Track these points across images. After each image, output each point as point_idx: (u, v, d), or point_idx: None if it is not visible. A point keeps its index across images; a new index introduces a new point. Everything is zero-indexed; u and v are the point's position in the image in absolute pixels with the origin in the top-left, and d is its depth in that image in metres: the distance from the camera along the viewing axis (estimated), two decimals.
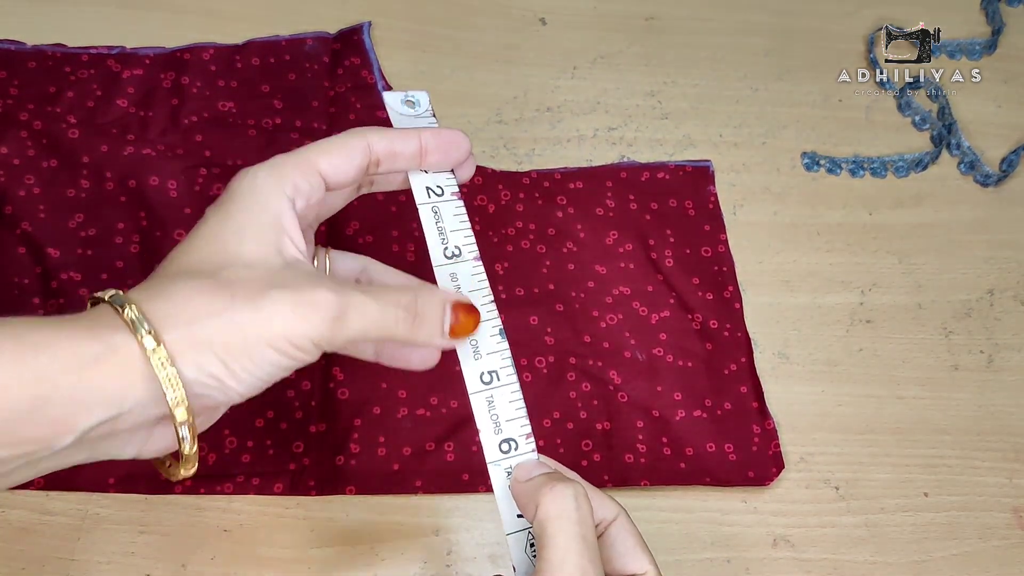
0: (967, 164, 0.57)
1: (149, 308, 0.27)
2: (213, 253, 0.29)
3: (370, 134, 0.32)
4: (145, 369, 0.26)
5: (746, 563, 0.44)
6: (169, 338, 0.27)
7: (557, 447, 0.45)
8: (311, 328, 0.28)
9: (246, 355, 0.27)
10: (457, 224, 0.34)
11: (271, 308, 0.27)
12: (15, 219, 0.46)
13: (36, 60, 0.50)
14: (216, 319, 0.27)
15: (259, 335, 0.27)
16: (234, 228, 0.29)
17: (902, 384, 0.49)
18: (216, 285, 0.28)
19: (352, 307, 0.29)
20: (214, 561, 0.41)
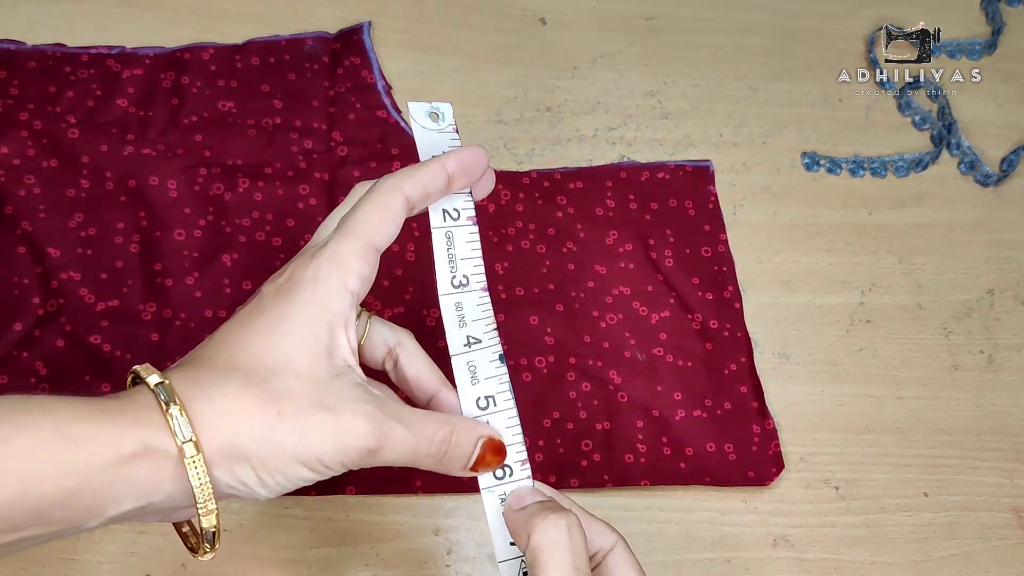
0: (967, 164, 0.57)
1: (193, 409, 0.27)
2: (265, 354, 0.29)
3: (405, 185, 0.31)
4: (180, 471, 0.27)
5: (746, 563, 0.44)
6: (208, 447, 0.27)
7: (557, 447, 0.45)
8: (345, 456, 0.28)
9: (280, 472, 0.28)
10: (468, 252, 0.33)
11: (312, 435, 0.28)
12: (15, 219, 0.46)
13: (36, 60, 0.50)
14: (258, 435, 0.28)
15: (296, 454, 0.28)
16: (288, 329, 0.29)
17: (902, 384, 0.49)
18: (265, 398, 0.28)
19: (388, 440, 0.29)
20: (214, 561, 0.41)
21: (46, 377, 0.43)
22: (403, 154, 0.51)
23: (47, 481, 0.25)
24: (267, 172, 0.49)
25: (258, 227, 0.48)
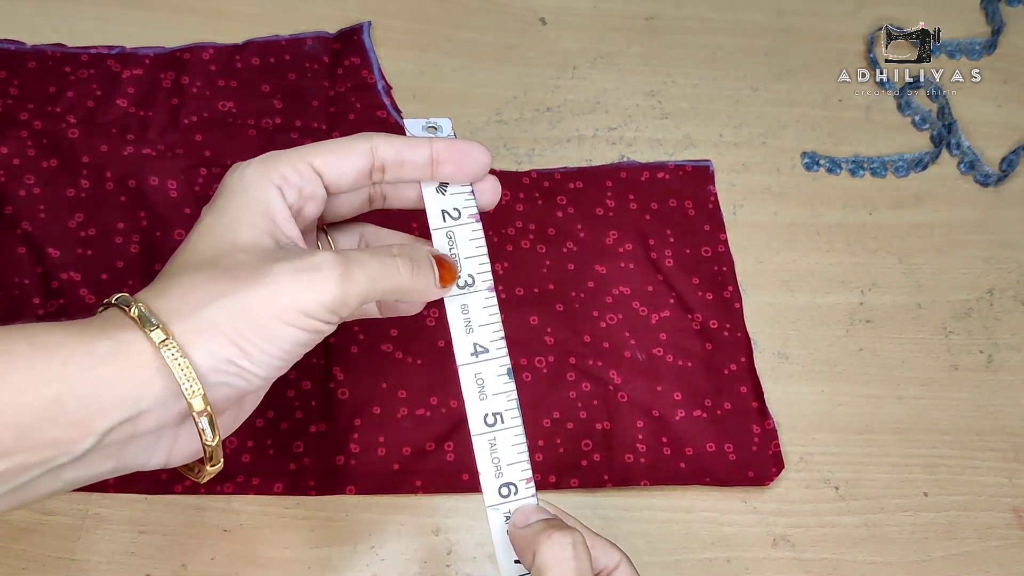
0: (967, 164, 0.57)
1: (155, 304, 0.27)
2: (209, 246, 0.29)
3: (376, 138, 0.32)
4: (158, 363, 0.26)
5: (746, 563, 0.44)
6: (177, 329, 0.27)
7: (557, 447, 0.45)
8: (320, 293, 0.28)
9: (258, 334, 0.27)
10: (472, 250, 0.33)
11: (275, 281, 0.28)
12: (15, 219, 0.46)
13: (36, 60, 0.50)
14: (221, 302, 0.27)
15: (268, 310, 0.27)
16: (227, 220, 0.30)
17: (902, 384, 0.49)
18: (216, 271, 0.28)
19: (352, 261, 0.29)
20: (214, 561, 0.41)
21: None
22: None
23: (25, 390, 0.25)
24: None
25: None
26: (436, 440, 0.44)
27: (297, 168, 0.31)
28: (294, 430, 0.44)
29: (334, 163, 0.31)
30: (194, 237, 0.30)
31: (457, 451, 0.44)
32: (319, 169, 0.31)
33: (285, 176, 0.31)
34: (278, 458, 0.43)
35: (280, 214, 0.30)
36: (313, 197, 0.32)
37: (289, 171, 0.31)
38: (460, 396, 0.45)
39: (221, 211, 0.30)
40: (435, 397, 0.45)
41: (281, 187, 0.30)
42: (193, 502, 0.42)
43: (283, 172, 0.31)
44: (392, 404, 0.45)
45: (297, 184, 0.31)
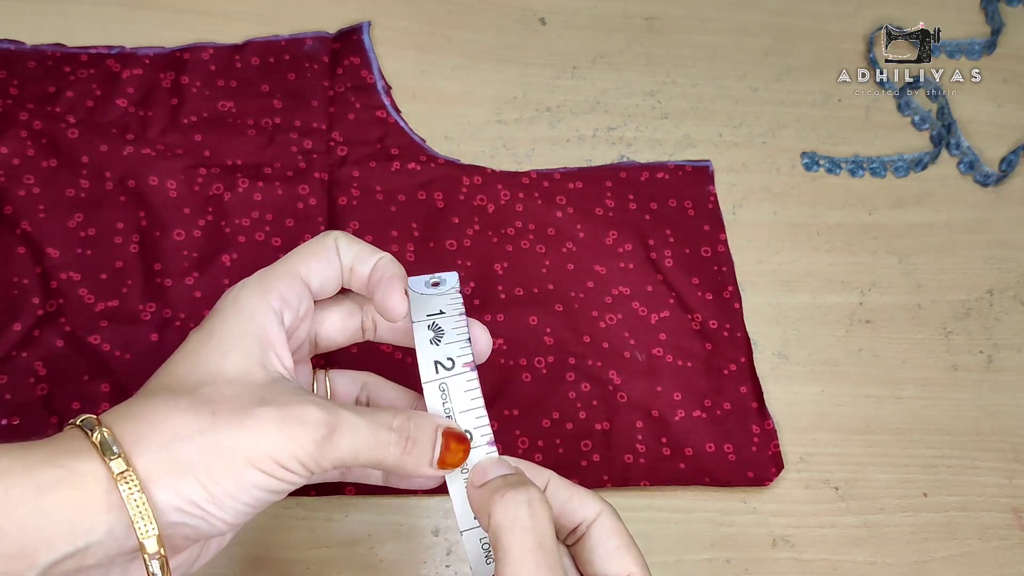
0: (967, 164, 0.57)
1: (122, 430, 0.25)
2: (193, 370, 0.27)
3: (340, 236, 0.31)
4: (113, 497, 0.24)
5: (746, 563, 0.44)
6: (143, 462, 0.25)
7: (557, 447, 0.45)
8: (298, 447, 0.26)
9: (230, 478, 0.25)
10: (468, 402, 0.30)
11: (256, 426, 0.26)
12: (15, 219, 0.46)
13: (36, 60, 0.50)
14: (197, 439, 0.25)
15: (244, 455, 0.26)
16: (216, 343, 0.28)
17: (902, 384, 0.49)
18: (196, 403, 0.26)
19: (342, 426, 0.27)
20: (214, 561, 0.41)
21: (45, 377, 0.43)
22: (403, 154, 0.51)
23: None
24: (267, 172, 0.49)
25: (258, 227, 0.48)
26: None
27: (293, 287, 0.29)
28: None
29: (316, 267, 0.30)
30: (177, 357, 0.28)
31: None
32: (307, 279, 0.30)
33: (284, 297, 0.29)
34: None
35: (277, 341, 0.29)
36: (307, 314, 0.30)
37: (287, 291, 0.29)
38: None
39: (210, 333, 0.28)
40: None
41: (280, 311, 0.29)
42: None
43: (282, 293, 0.29)
44: None
45: (294, 303, 0.29)
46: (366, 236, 0.48)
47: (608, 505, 0.29)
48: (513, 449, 0.44)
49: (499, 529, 0.26)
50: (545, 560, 0.25)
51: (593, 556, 0.28)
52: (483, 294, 0.48)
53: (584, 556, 0.29)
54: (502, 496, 0.27)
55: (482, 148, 0.53)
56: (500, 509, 0.26)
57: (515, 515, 0.26)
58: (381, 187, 0.50)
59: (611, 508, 0.29)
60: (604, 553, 0.28)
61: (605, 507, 0.29)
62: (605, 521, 0.29)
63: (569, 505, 0.29)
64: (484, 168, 0.52)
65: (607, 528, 0.29)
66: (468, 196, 0.51)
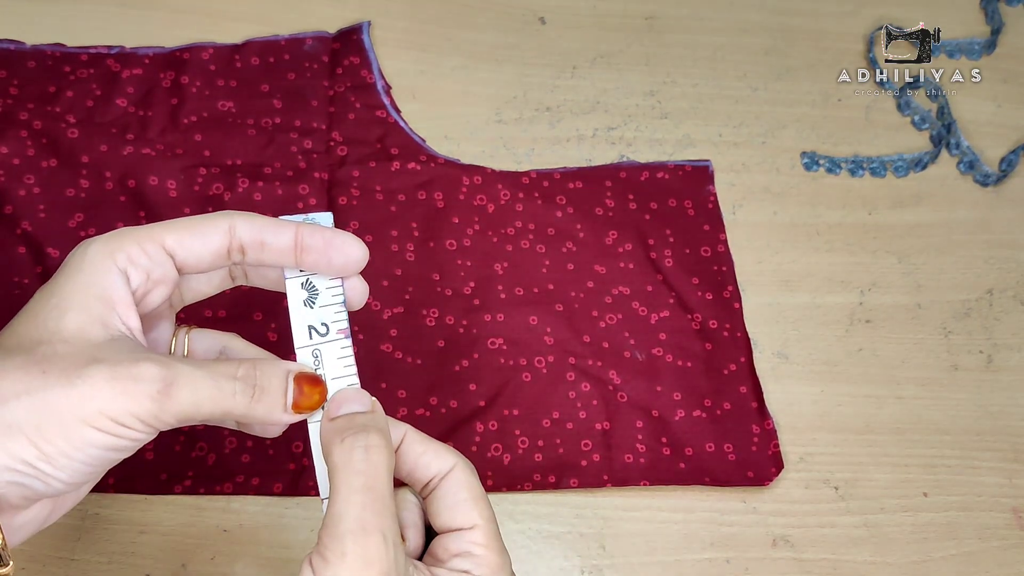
0: (966, 164, 0.57)
1: None
2: (31, 329, 0.27)
3: (237, 217, 0.29)
4: None
5: (746, 563, 0.44)
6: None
7: (557, 447, 0.45)
8: (134, 404, 0.26)
9: (62, 437, 0.25)
10: (341, 369, 0.29)
11: (87, 384, 0.25)
12: (15, 219, 0.46)
13: (36, 60, 0.50)
14: (25, 399, 0.25)
15: (75, 414, 0.25)
16: (56, 302, 0.27)
17: (902, 384, 0.49)
18: (28, 362, 0.26)
19: (180, 380, 0.26)
20: (214, 561, 0.41)
21: None
22: (403, 154, 0.51)
23: None
24: (266, 172, 0.49)
25: None
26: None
27: (146, 249, 0.28)
28: (293, 430, 0.43)
29: (189, 243, 0.29)
30: (20, 317, 0.28)
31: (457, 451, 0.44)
32: (171, 249, 0.29)
33: (131, 257, 0.28)
34: (278, 458, 0.43)
35: (121, 300, 0.28)
36: (162, 281, 0.29)
37: (137, 252, 0.28)
38: (460, 396, 0.45)
39: (52, 292, 0.28)
40: (435, 397, 0.45)
41: (126, 270, 0.28)
42: (193, 502, 0.42)
43: (130, 253, 0.28)
44: (391, 404, 0.45)
45: (145, 266, 0.28)
46: (366, 236, 0.48)
47: (463, 460, 0.29)
48: (513, 449, 0.44)
49: (333, 470, 0.26)
50: (372, 502, 0.26)
51: (441, 507, 0.29)
52: (483, 294, 0.48)
53: (433, 507, 0.29)
54: (342, 440, 0.27)
55: (482, 148, 0.53)
56: (337, 451, 0.27)
57: (349, 458, 0.26)
58: (381, 187, 0.50)
59: (466, 463, 0.29)
60: (452, 504, 0.29)
61: (459, 461, 0.29)
62: (457, 475, 0.29)
63: (423, 459, 0.29)
64: (484, 168, 0.52)
65: (458, 481, 0.29)
66: (468, 196, 0.51)
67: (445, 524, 0.29)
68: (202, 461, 0.42)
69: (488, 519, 0.29)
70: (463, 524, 0.28)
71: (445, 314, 0.47)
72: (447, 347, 0.47)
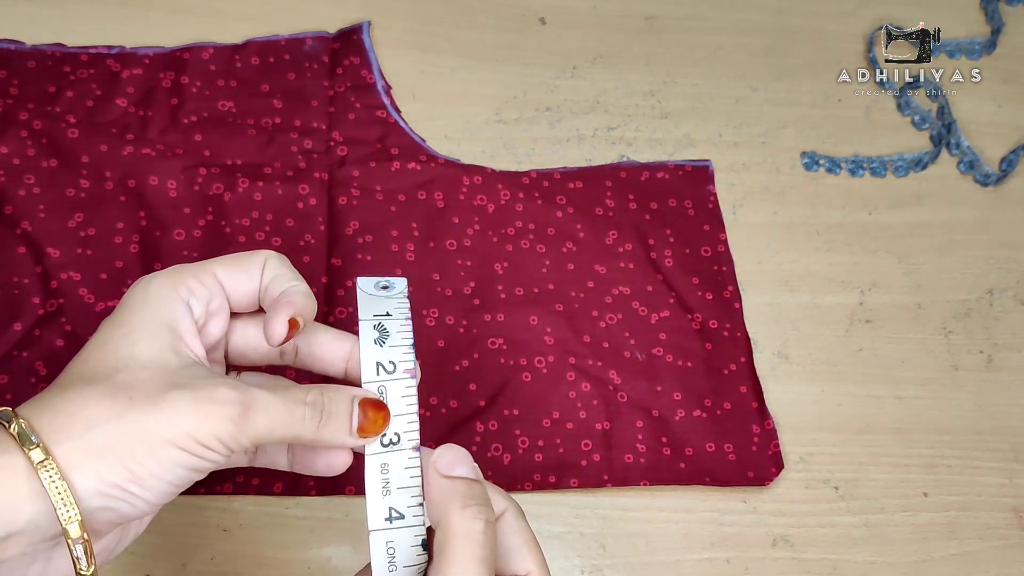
0: (967, 164, 0.57)
1: (39, 421, 0.26)
2: (105, 358, 0.28)
3: (271, 257, 0.31)
4: (34, 485, 0.25)
5: (746, 563, 0.44)
6: (63, 449, 0.25)
7: (557, 447, 0.45)
8: (216, 425, 0.27)
9: (152, 458, 0.26)
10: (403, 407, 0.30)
11: (173, 408, 0.26)
12: (15, 219, 0.46)
13: (36, 60, 0.50)
14: (115, 424, 0.26)
15: (163, 436, 0.26)
16: (126, 332, 0.28)
17: (902, 384, 0.49)
18: (111, 389, 0.27)
19: (256, 404, 0.28)
20: (214, 561, 0.41)
21: (46, 377, 0.43)
22: (403, 154, 0.51)
23: None
24: (267, 172, 0.49)
25: (258, 227, 0.48)
26: (436, 440, 0.44)
27: (203, 281, 0.30)
28: None
29: (235, 276, 0.31)
30: (89, 349, 0.29)
31: None
32: (222, 281, 0.31)
33: (192, 289, 0.30)
34: None
35: (187, 329, 0.29)
36: (219, 312, 0.31)
37: (195, 284, 0.30)
38: (460, 396, 0.45)
39: (120, 323, 0.29)
40: (435, 397, 0.45)
41: (188, 301, 0.30)
42: (193, 502, 0.42)
43: (190, 285, 0.30)
44: None
45: (205, 297, 0.30)
46: (366, 236, 0.48)
47: (514, 503, 0.30)
48: (513, 449, 0.44)
49: (453, 534, 0.27)
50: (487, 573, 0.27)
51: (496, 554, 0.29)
52: (483, 294, 0.48)
53: None
54: (464, 507, 0.28)
55: (482, 148, 0.53)
56: (459, 518, 0.28)
57: (472, 527, 0.27)
58: (381, 187, 0.50)
59: (516, 507, 0.30)
60: (507, 550, 0.29)
61: (511, 505, 0.30)
62: (509, 519, 0.30)
63: None
64: (484, 168, 0.52)
65: (510, 526, 0.29)
66: (468, 196, 0.51)
67: (500, 570, 0.29)
68: None
69: (541, 564, 0.29)
70: (518, 571, 0.29)
71: (445, 314, 0.47)
72: (447, 347, 0.47)
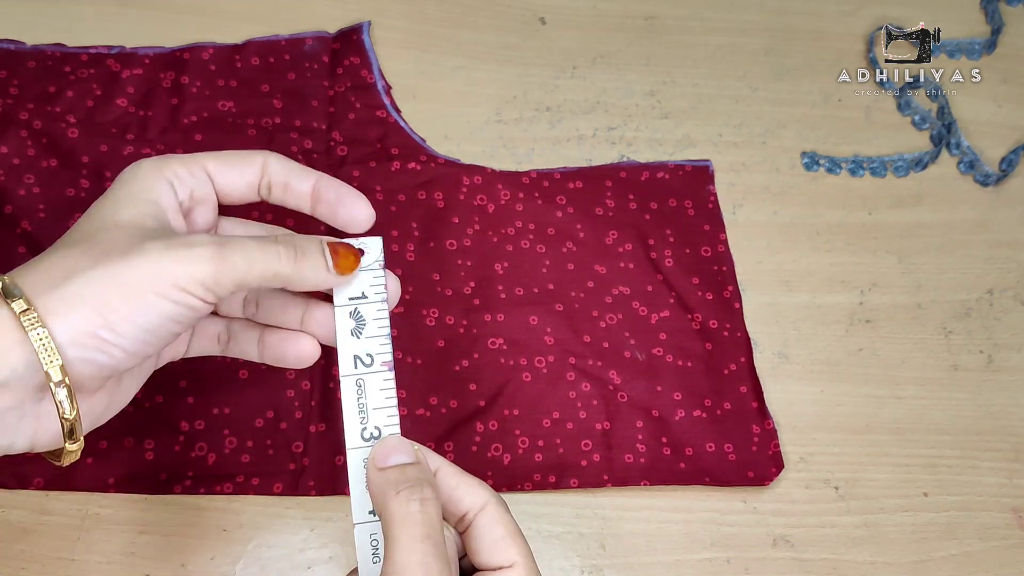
0: (967, 164, 0.57)
1: (23, 278, 0.27)
2: (88, 224, 0.29)
3: (270, 156, 0.32)
4: (18, 335, 0.26)
5: (746, 563, 0.44)
6: (41, 301, 0.27)
7: (557, 447, 0.45)
8: (194, 268, 0.28)
9: (125, 304, 0.27)
10: (382, 400, 0.31)
11: (146, 254, 0.27)
12: (15, 219, 0.46)
13: (36, 60, 0.50)
14: (89, 273, 0.27)
15: (137, 282, 0.27)
16: (110, 203, 0.30)
17: (902, 384, 0.49)
18: (88, 246, 0.28)
19: (231, 243, 0.29)
20: (214, 561, 0.41)
21: None
22: (403, 153, 0.51)
23: None
24: None
25: None
26: (436, 440, 0.44)
27: (191, 169, 0.31)
28: (294, 430, 0.44)
29: (226, 172, 0.32)
30: (78, 222, 0.30)
31: (457, 451, 0.44)
32: (212, 173, 0.32)
33: (178, 174, 0.31)
34: (278, 458, 0.43)
35: (168, 205, 0.30)
36: (204, 201, 0.32)
37: (183, 171, 0.31)
38: (460, 396, 0.45)
39: (107, 197, 0.30)
40: (435, 397, 0.45)
41: (173, 183, 0.31)
42: (193, 502, 0.42)
43: (176, 170, 0.31)
44: None
45: (190, 184, 0.31)
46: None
47: (495, 496, 0.30)
48: (513, 449, 0.44)
49: (391, 520, 0.28)
50: (432, 549, 0.27)
51: (479, 546, 0.30)
52: (483, 294, 0.48)
53: (472, 546, 0.30)
54: (397, 492, 0.28)
55: (482, 148, 0.53)
56: (394, 503, 0.28)
57: (407, 510, 0.28)
58: (381, 187, 0.50)
59: (498, 499, 0.30)
60: (491, 541, 0.29)
61: (492, 498, 0.30)
62: (491, 511, 0.30)
63: (456, 493, 0.30)
64: (484, 168, 0.52)
65: (492, 518, 0.30)
66: (468, 196, 0.51)
67: (485, 562, 0.29)
68: (202, 461, 0.42)
69: (526, 555, 0.29)
70: (503, 562, 0.29)
71: (445, 314, 0.47)
72: (447, 347, 0.47)
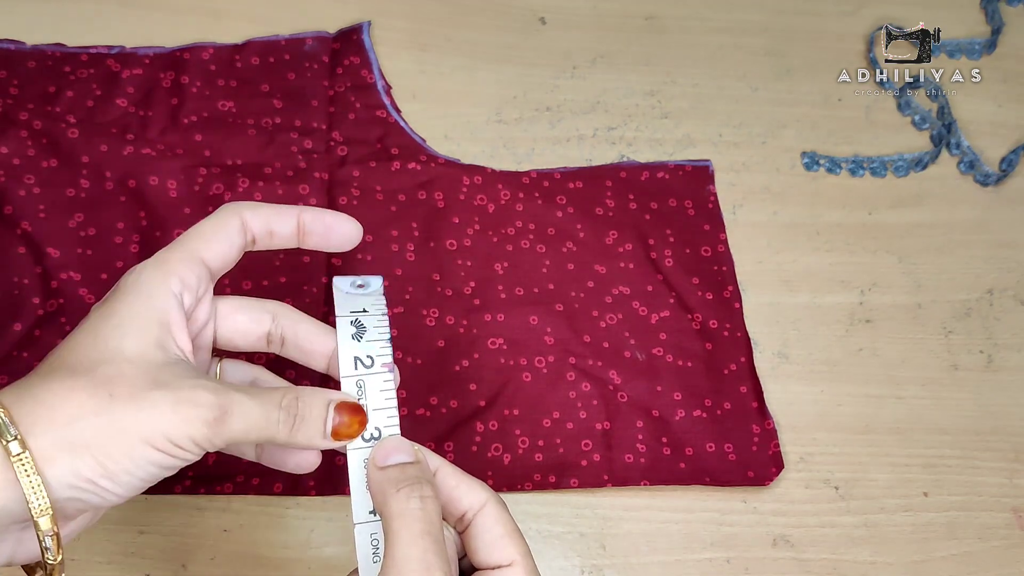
0: (967, 163, 0.57)
1: (19, 411, 0.26)
2: (91, 349, 0.28)
3: (244, 211, 0.32)
4: (9, 475, 0.25)
5: (746, 563, 0.44)
6: (40, 443, 0.26)
7: (557, 447, 0.45)
8: (192, 428, 0.27)
9: (127, 456, 0.27)
10: (382, 401, 0.31)
11: (152, 408, 0.27)
12: (15, 219, 0.46)
13: (36, 60, 0.50)
14: (94, 420, 0.26)
15: (140, 435, 0.27)
16: (115, 323, 0.29)
17: (902, 384, 0.49)
18: (93, 383, 0.27)
19: (234, 407, 0.28)
20: (214, 561, 0.41)
21: None
22: (403, 153, 0.51)
23: None
24: (267, 172, 0.49)
25: None
26: (436, 440, 0.44)
27: (193, 268, 0.30)
28: None
29: (219, 251, 0.31)
30: (76, 337, 0.29)
31: (457, 451, 0.44)
32: (208, 262, 0.31)
33: (184, 280, 0.30)
34: None
35: (176, 324, 0.30)
36: (205, 296, 0.31)
37: (187, 274, 0.30)
38: (460, 396, 0.45)
39: (109, 313, 0.29)
40: (435, 397, 0.45)
41: (180, 294, 0.30)
42: (193, 502, 0.42)
43: (182, 276, 0.30)
44: None
45: (195, 286, 0.31)
46: (366, 236, 0.48)
47: (494, 495, 0.31)
48: (513, 449, 0.44)
49: (392, 517, 0.28)
50: (432, 545, 0.27)
51: (478, 544, 0.30)
52: (483, 294, 0.48)
53: (471, 545, 0.30)
54: (397, 490, 0.29)
55: (482, 148, 0.53)
56: (395, 501, 0.28)
57: (407, 507, 0.28)
58: (381, 187, 0.50)
59: (497, 498, 0.31)
60: (490, 540, 0.30)
61: (491, 497, 0.30)
62: (490, 510, 0.30)
63: (456, 493, 0.30)
64: (484, 168, 0.52)
65: (491, 517, 0.30)
66: (468, 196, 0.51)
67: (484, 561, 0.30)
68: (202, 461, 0.42)
69: (524, 554, 0.30)
70: (501, 561, 0.29)
71: (445, 314, 0.47)
72: (447, 347, 0.47)
